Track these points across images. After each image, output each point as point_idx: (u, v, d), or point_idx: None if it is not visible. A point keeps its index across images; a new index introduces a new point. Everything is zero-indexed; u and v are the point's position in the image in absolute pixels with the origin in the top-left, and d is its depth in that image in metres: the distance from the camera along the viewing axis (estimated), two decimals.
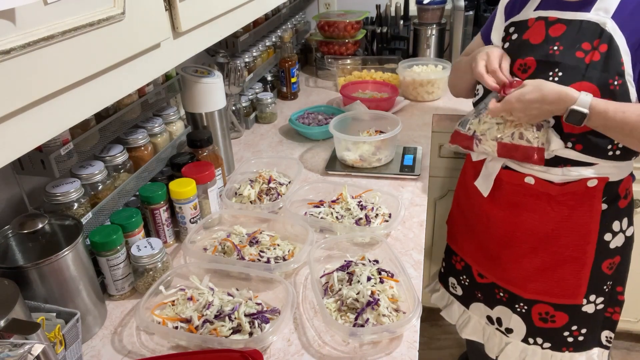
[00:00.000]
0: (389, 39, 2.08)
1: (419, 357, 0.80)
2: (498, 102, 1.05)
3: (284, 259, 0.99)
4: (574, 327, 1.17)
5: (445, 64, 1.80)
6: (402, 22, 2.11)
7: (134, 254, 0.91)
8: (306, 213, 1.14)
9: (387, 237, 1.08)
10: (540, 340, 1.21)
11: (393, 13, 2.11)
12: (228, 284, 0.94)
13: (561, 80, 0.99)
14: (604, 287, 1.14)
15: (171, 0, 0.73)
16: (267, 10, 1.20)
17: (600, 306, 1.16)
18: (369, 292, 0.85)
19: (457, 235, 1.36)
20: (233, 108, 1.53)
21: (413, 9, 2.08)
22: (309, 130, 1.52)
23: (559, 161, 1.05)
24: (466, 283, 1.34)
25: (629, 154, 1.03)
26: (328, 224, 1.09)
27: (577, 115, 0.94)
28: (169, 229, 1.07)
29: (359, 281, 0.89)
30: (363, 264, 0.95)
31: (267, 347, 0.81)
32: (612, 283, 1.15)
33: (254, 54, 1.71)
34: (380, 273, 0.92)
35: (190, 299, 0.89)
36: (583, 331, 1.17)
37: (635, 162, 1.10)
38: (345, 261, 0.97)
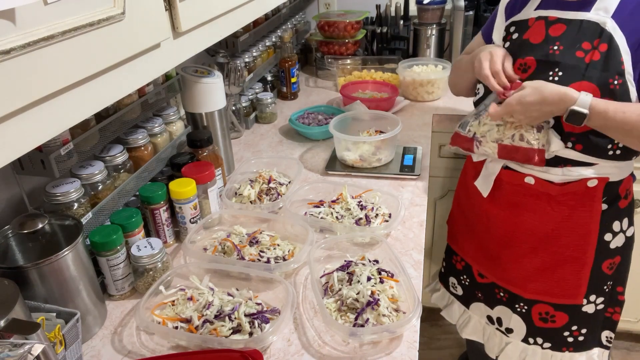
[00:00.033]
0: (389, 39, 2.08)
1: (419, 357, 0.80)
2: (498, 104, 1.05)
3: (284, 259, 0.99)
4: (574, 327, 1.17)
5: (445, 64, 1.80)
6: (402, 22, 2.11)
7: (134, 254, 0.91)
8: (306, 213, 1.14)
9: (387, 237, 1.08)
10: (540, 340, 1.21)
11: (393, 13, 2.11)
12: (228, 284, 0.94)
13: (561, 79, 0.99)
14: (604, 287, 1.14)
15: (171, 0, 0.73)
16: (267, 10, 1.20)
17: (600, 306, 1.16)
18: (369, 292, 0.85)
19: (458, 235, 1.36)
20: (233, 108, 1.53)
21: (413, 9, 2.08)
22: (309, 130, 1.52)
23: (559, 161, 1.05)
24: (466, 283, 1.34)
25: (630, 154, 1.03)
26: (328, 224, 1.09)
27: (577, 115, 0.94)
28: (169, 229, 1.07)
29: (359, 281, 0.89)
30: (363, 264, 0.95)
31: (267, 347, 0.81)
32: (613, 283, 1.15)
33: (254, 54, 1.71)
34: (380, 273, 0.92)
35: (190, 299, 0.89)
36: (583, 331, 1.17)
37: (635, 162, 1.10)
38: (345, 261, 0.97)
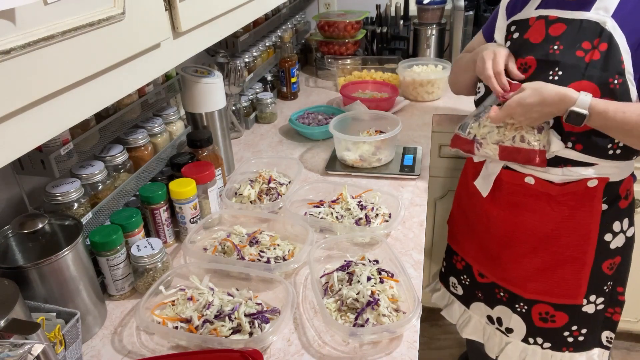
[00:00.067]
0: (389, 39, 2.08)
1: (419, 357, 0.80)
2: (498, 106, 1.05)
3: (284, 259, 0.99)
4: (574, 327, 1.17)
5: (445, 64, 1.80)
6: (402, 22, 2.11)
7: (134, 254, 0.91)
8: (306, 213, 1.14)
9: (387, 237, 1.08)
10: (540, 340, 1.21)
11: (393, 13, 2.11)
12: (228, 284, 0.94)
13: (561, 79, 0.99)
14: (604, 288, 1.14)
15: (171, 0, 0.73)
16: (267, 10, 1.20)
17: (600, 306, 1.16)
18: (369, 292, 0.85)
19: (458, 235, 1.36)
20: (233, 108, 1.53)
21: (413, 9, 2.08)
22: (309, 130, 1.52)
23: (559, 161, 1.05)
24: (467, 283, 1.34)
25: (630, 154, 1.03)
26: (328, 224, 1.09)
27: (577, 116, 0.94)
28: (169, 229, 1.07)
29: (359, 281, 0.89)
30: (363, 264, 0.95)
31: (267, 347, 0.81)
32: (613, 283, 1.15)
33: (254, 54, 1.71)
34: (380, 273, 0.92)
35: (190, 299, 0.89)
36: (583, 331, 1.17)
37: (636, 162, 1.10)
38: (345, 261, 0.97)
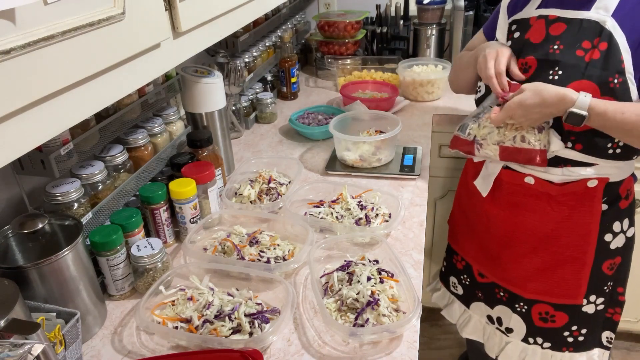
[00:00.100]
0: (389, 39, 2.08)
1: (419, 357, 0.80)
2: (497, 106, 1.05)
3: (284, 259, 0.99)
4: (574, 327, 1.17)
5: (445, 64, 1.80)
6: (402, 22, 2.11)
7: (134, 254, 0.91)
8: (306, 213, 1.14)
9: (387, 237, 1.08)
10: (540, 340, 1.21)
11: (393, 13, 2.11)
12: (228, 284, 0.94)
13: (561, 78, 0.99)
14: (605, 288, 1.14)
15: (171, 0, 0.73)
16: (267, 10, 1.20)
17: (600, 307, 1.16)
18: (369, 292, 0.85)
19: (458, 234, 1.36)
20: (233, 108, 1.53)
21: (413, 9, 2.08)
22: (309, 130, 1.52)
23: (559, 161, 1.05)
24: (467, 282, 1.34)
25: (630, 153, 1.03)
26: (328, 224, 1.09)
27: (576, 117, 0.94)
28: (169, 229, 1.07)
29: (359, 281, 0.89)
30: (363, 264, 0.95)
31: (267, 347, 0.81)
32: (613, 284, 1.15)
33: (254, 54, 1.71)
34: (380, 273, 0.92)
35: (190, 299, 0.89)
36: (583, 331, 1.17)
37: (636, 162, 1.10)
38: (345, 261, 0.97)
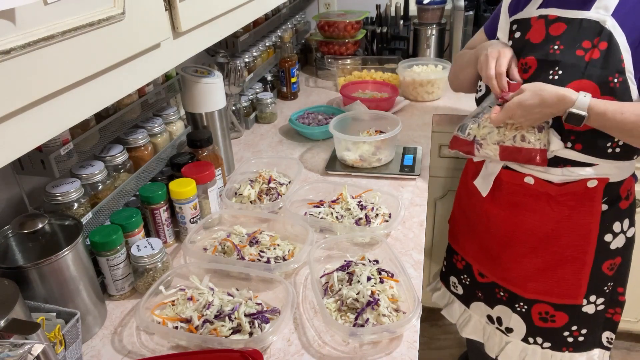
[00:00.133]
0: (389, 39, 2.08)
1: (419, 357, 0.80)
2: (498, 106, 1.05)
3: (284, 259, 0.99)
4: (574, 327, 1.17)
5: (445, 64, 1.80)
6: (402, 22, 2.11)
7: (134, 254, 0.91)
8: (306, 213, 1.14)
9: (387, 237, 1.08)
10: (540, 339, 1.21)
11: (393, 13, 2.11)
12: (228, 284, 0.94)
13: (561, 78, 0.99)
14: (605, 288, 1.14)
15: (171, 0, 0.73)
16: (267, 10, 1.20)
17: (600, 307, 1.15)
18: (369, 292, 0.85)
19: (459, 234, 1.36)
20: (233, 108, 1.53)
21: (413, 9, 2.08)
22: (309, 130, 1.52)
23: (559, 161, 1.05)
24: (467, 282, 1.34)
25: (630, 153, 1.03)
26: (328, 224, 1.09)
27: (576, 117, 0.94)
28: (169, 229, 1.07)
29: (359, 281, 0.89)
30: (363, 264, 0.95)
31: (267, 347, 0.81)
32: (613, 284, 1.15)
33: (254, 54, 1.71)
34: (380, 273, 0.92)
35: (190, 299, 0.89)
36: (583, 331, 1.17)
37: (637, 163, 1.10)
38: (345, 261, 0.97)
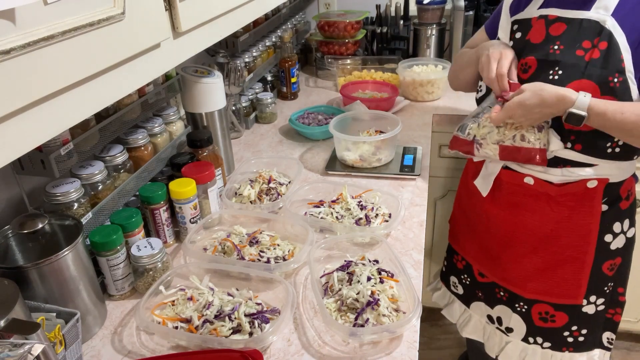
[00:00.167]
0: (389, 39, 2.08)
1: (419, 357, 0.80)
2: (498, 106, 1.05)
3: (284, 259, 0.99)
4: (574, 328, 1.17)
5: (445, 64, 1.80)
6: (402, 22, 2.11)
7: (134, 254, 0.91)
8: (306, 213, 1.14)
9: (387, 237, 1.08)
10: (540, 339, 1.21)
11: (393, 13, 2.11)
12: (228, 284, 0.94)
13: (561, 78, 0.99)
14: (605, 289, 1.14)
15: (171, 0, 0.73)
16: (267, 10, 1.20)
17: (601, 307, 1.15)
18: (369, 292, 0.85)
19: (459, 234, 1.36)
20: (233, 108, 1.53)
21: (413, 9, 2.08)
22: (309, 130, 1.52)
23: (559, 162, 1.05)
24: (467, 282, 1.34)
25: (630, 153, 1.03)
26: (328, 224, 1.09)
27: (576, 117, 0.94)
28: (169, 229, 1.07)
29: (359, 281, 0.89)
30: (363, 264, 0.95)
31: (267, 347, 0.81)
32: (613, 284, 1.15)
33: (254, 54, 1.71)
34: (380, 273, 0.92)
35: (190, 299, 0.89)
36: (583, 332, 1.17)
37: (637, 163, 1.10)
38: (345, 261, 0.97)
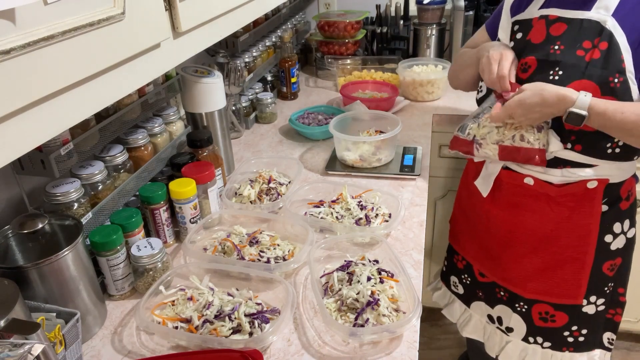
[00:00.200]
0: (389, 39, 2.08)
1: (419, 357, 0.80)
2: (499, 104, 1.05)
3: (284, 259, 0.99)
4: (574, 328, 1.17)
5: (445, 64, 1.80)
6: (402, 22, 2.11)
7: (134, 254, 0.91)
8: (306, 213, 1.14)
9: (387, 237, 1.08)
10: (540, 339, 1.21)
11: (393, 13, 2.11)
12: (228, 284, 0.94)
13: (561, 78, 0.99)
14: (605, 289, 1.14)
15: (171, 0, 0.73)
16: (267, 10, 1.20)
17: (601, 307, 1.15)
18: (369, 292, 0.85)
19: (459, 234, 1.36)
20: (233, 108, 1.53)
21: (413, 9, 2.08)
22: (309, 130, 1.52)
23: (559, 162, 1.05)
24: (467, 282, 1.34)
25: (630, 153, 1.03)
26: (328, 224, 1.09)
27: (576, 116, 0.94)
28: (169, 229, 1.07)
29: (359, 281, 0.89)
30: (363, 264, 0.95)
31: (267, 347, 0.81)
32: (614, 285, 1.15)
33: (254, 54, 1.71)
34: (380, 273, 0.92)
35: (190, 299, 0.89)
36: (583, 332, 1.17)
37: (638, 163, 1.10)
38: (345, 261, 0.97)
